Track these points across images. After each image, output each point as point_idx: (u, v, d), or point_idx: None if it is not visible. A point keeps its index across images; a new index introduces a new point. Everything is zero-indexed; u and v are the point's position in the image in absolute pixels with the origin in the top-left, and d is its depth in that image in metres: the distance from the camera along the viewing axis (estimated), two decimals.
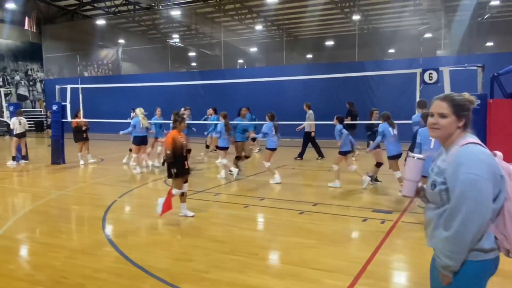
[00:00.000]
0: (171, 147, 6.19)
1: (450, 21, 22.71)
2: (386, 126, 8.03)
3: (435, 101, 2.24)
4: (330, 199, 7.67)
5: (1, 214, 6.97)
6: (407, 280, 4.33)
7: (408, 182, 2.35)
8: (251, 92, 20.52)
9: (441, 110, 2.18)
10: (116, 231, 5.78)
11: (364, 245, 5.10)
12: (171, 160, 6.19)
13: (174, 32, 31.42)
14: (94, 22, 27.93)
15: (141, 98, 21.49)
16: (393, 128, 8.07)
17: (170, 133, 6.46)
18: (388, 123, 8.11)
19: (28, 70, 29.06)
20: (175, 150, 6.20)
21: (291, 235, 5.56)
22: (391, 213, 6.53)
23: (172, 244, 5.28)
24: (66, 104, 12.12)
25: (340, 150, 8.54)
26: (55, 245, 5.20)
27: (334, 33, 28.17)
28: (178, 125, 6.45)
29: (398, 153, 7.91)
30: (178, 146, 6.26)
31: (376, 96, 18.60)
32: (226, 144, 9.86)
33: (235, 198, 7.90)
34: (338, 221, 6.21)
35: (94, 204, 7.59)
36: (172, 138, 6.25)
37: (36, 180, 10.19)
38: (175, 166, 6.19)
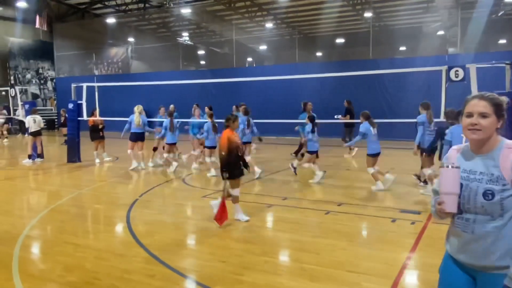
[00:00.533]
0: (227, 147, 5.82)
1: (465, 18, 22.44)
2: (368, 125, 8.06)
3: (472, 100, 2.07)
4: (354, 199, 7.55)
5: (25, 213, 6.94)
6: None
7: (449, 196, 2.04)
8: (263, 90, 20.43)
9: (482, 109, 2.01)
10: (142, 231, 5.70)
11: (398, 247, 4.98)
12: (226, 162, 5.80)
13: (184, 30, 31.37)
14: (104, 21, 27.94)
15: (152, 97, 21.50)
16: (373, 128, 8.09)
17: (224, 133, 5.99)
18: (369, 122, 8.11)
19: (39, 68, 29.16)
20: (230, 150, 5.82)
21: (320, 236, 5.45)
22: (420, 214, 6.40)
23: (200, 244, 5.19)
24: (82, 103, 12.08)
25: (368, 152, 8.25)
26: (83, 245, 5.14)
27: (346, 31, 27.95)
28: (231, 123, 6.06)
29: (378, 152, 8.13)
30: (233, 146, 5.88)
31: (390, 94, 18.42)
32: (213, 143, 9.89)
33: (256, 197, 7.80)
34: (366, 222, 6.09)
35: (115, 203, 7.53)
36: (227, 138, 5.86)
37: (53, 179, 10.16)
38: (230, 168, 5.81)
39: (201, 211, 6.73)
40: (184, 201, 7.66)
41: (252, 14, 27.47)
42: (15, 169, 11.62)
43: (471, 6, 21.02)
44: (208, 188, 8.63)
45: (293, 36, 30.26)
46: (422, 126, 7.76)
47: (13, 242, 5.29)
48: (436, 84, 17.17)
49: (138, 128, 10.90)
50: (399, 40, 24.77)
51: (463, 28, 19.63)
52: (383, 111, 17.32)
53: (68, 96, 25.91)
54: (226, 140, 5.85)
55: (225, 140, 5.85)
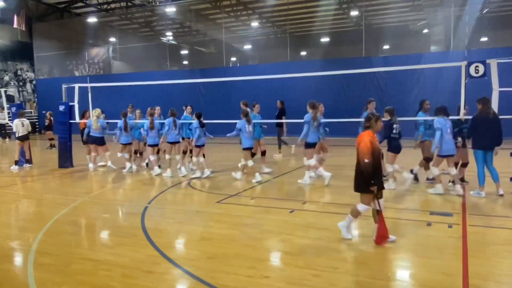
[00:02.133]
0: (370, 153, 4.82)
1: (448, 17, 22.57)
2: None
3: None
4: None
5: (28, 225, 6.35)
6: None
7: None
8: (254, 89, 20.04)
9: None
10: (163, 242, 5.23)
11: (446, 254, 4.67)
12: (369, 170, 4.79)
13: (168, 30, 30.67)
14: (86, 20, 27.06)
15: (138, 98, 20.81)
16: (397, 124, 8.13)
17: (364, 135, 4.94)
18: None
19: (18, 70, 28.00)
20: (373, 156, 4.83)
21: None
22: (452, 216, 6.13)
23: (234, 256, 4.75)
24: (74, 104, 11.45)
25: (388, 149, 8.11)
26: (104, 261, 4.64)
27: (339, 29, 27.77)
28: (373, 124, 5.01)
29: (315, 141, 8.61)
30: (376, 152, 4.89)
31: (384, 92, 18.30)
32: (202, 142, 9.84)
33: (275, 202, 7.41)
34: (401, 227, 5.77)
35: (125, 211, 7.02)
36: (370, 142, 4.84)
37: (49, 186, 9.50)
38: (372, 177, 4.82)
39: (223, 219, 6.30)
40: (199, 207, 7.20)
41: (237, 13, 27.05)
42: (2, 176, 10.90)
43: (456, 4, 21.13)
44: (218, 193, 8.19)
45: (278, 35, 30.03)
46: (307, 124, 8.49)
47: (24, 260, 4.76)
48: (430, 81, 17.25)
49: (96, 132, 10.99)
50: (390, 38, 24.79)
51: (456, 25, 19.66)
52: (376, 109, 17.19)
53: (48, 98, 25.04)
54: (369, 144, 4.83)
55: (368, 144, 4.81)
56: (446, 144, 7.37)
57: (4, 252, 5.08)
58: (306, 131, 8.55)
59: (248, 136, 9.24)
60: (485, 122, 7.03)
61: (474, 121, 7.25)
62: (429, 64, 16.02)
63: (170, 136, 10.11)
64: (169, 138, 10.19)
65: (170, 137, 10.13)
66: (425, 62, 17.14)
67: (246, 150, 9.27)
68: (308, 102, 8.74)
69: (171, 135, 10.09)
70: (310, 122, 8.52)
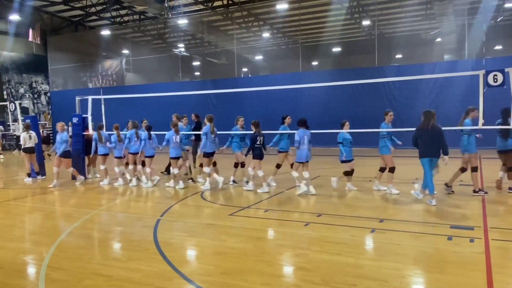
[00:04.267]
0: None
1: (462, 25, 22.37)
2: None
3: None
4: (392, 214, 7.09)
5: (40, 239, 6.31)
6: None
7: None
8: (266, 100, 20.03)
9: None
10: (177, 257, 5.13)
11: (471, 271, 4.47)
12: None
13: (180, 41, 30.92)
14: (99, 33, 27.42)
15: (151, 109, 20.92)
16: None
17: None
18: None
19: (33, 82, 28.41)
20: None
21: (379, 259, 4.94)
22: (473, 229, 5.93)
23: (249, 272, 4.62)
24: (87, 116, 11.50)
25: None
26: (116, 277, 4.55)
27: (351, 39, 27.70)
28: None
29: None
30: None
31: (397, 102, 18.10)
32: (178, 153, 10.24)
33: (288, 214, 7.27)
34: (420, 240, 5.59)
35: (137, 224, 6.94)
36: None
37: (61, 198, 9.50)
38: None
39: (236, 232, 6.18)
40: (212, 220, 7.10)
41: (249, 24, 27.17)
42: (16, 188, 10.95)
43: (470, 13, 20.93)
44: (231, 205, 8.09)
45: (290, 46, 30.06)
46: (205, 136, 9.56)
47: (36, 275, 4.70)
48: (443, 91, 17.02)
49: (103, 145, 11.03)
50: (403, 47, 24.63)
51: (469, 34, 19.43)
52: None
53: (62, 109, 25.29)
54: None
55: None
56: (302, 152, 8.80)
57: (17, 267, 5.03)
58: (205, 142, 9.60)
59: (175, 146, 10.02)
60: (426, 133, 7.54)
61: (417, 131, 7.72)
62: (442, 73, 15.84)
63: (133, 147, 10.59)
64: (131, 149, 10.65)
65: (133, 149, 10.60)
66: (438, 71, 16.95)
67: (173, 159, 10.11)
68: (206, 116, 9.85)
69: (133, 147, 10.58)
70: (208, 133, 9.59)
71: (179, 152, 10.17)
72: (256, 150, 9.24)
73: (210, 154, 9.76)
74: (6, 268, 4.92)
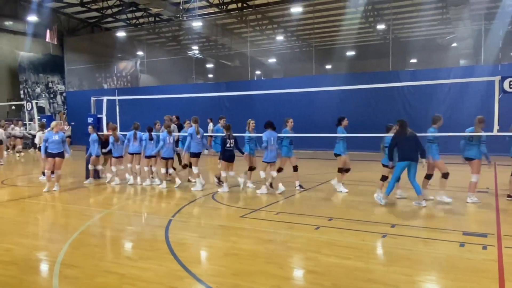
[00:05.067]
0: None
1: (478, 30, 22.11)
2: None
3: None
4: (406, 220, 7.03)
5: (54, 236, 6.42)
6: None
7: None
8: (279, 103, 20.02)
9: None
10: (188, 257, 5.17)
11: (483, 278, 4.42)
12: None
13: (194, 44, 31.14)
14: (115, 34, 27.75)
15: (164, 110, 21.05)
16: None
17: None
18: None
19: (49, 82, 28.86)
20: None
21: (388, 264, 4.92)
22: (486, 237, 5.86)
23: (259, 273, 4.63)
24: (102, 117, 11.64)
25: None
26: (128, 275, 4.61)
27: (365, 43, 27.58)
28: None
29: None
30: None
31: (411, 107, 17.97)
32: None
33: (299, 218, 7.27)
34: (432, 246, 5.54)
35: (149, 224, 7.02)
36: None
37: (75, 197, 9.63)
38: None
39: (246, 234, 6.21)
40: (223, 221, 7.13)
41: (263, 27, 27.24)
42: (32, 186, 11.14)
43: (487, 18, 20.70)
44: (242, 207, 8.12)
45: (303, 49, 30.05)
46: (190, 136, 9.96)
47: (50, 272, 4.78)
48: (458, 96, 16.84)
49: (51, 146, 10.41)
50: (418, 52, 24.44)
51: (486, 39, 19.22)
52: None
53: (77, 109, 25.64)
54: None
55: None
56: (270, 153, 9.26)
57: (31, 263, 5.13)
58: (189, 143, 10.00)
59: (168, 147, 10.39)
60: (404, 139, 7.99)
61: (394, 139, 8.14)
62: (457, 78, 15.69)
63: (131, 148, 10.97)
64: (129, 150, 11.01)
65: (131, 149, 10.98)
66: (454, 76, 16.78)
67: (164, 160, 10.49)
68: (192, 117, 10.25)
69: (131, 148, 10.97)
70: (193, 134, 9.95)
71: (171, 153, 10.51)
72: (226, 152, 9.58)
73: (196, 155, 10.06)
74: (20, 265, 5.02)
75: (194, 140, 9.98)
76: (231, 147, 9.62)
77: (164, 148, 10.38)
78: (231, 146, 9.61)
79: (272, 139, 9.33)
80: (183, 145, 10.89)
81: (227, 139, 9.56)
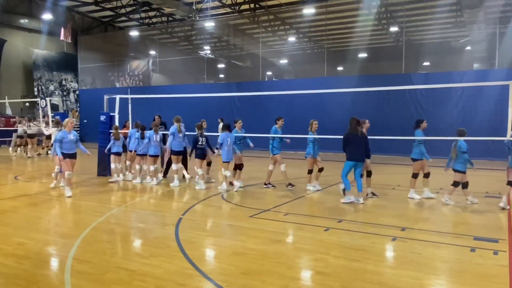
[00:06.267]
0: None
1: (492, 34, 21.85)
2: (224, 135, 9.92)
3: None
4: (414, 223, 6.99)
5: (66, 231, 6.51)
6: None
7: None
8: (290, 104, 20.03)
9: None
10: (198, 255, 5.22)
11: (494, 284, 4.39)
12: None
13: (205, 44, 31.27)
14: (128, 34, 27.98)
15: (175, 109, 21.19)
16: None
17: None
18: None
19: (62, 80, 29.22)
20: None
21: (399, 267, 4.90)
22: (497, 242, 5.81)
23: (267, 273, 4.65)
24: (114, 115, 11.76)
25: None
26: (139, 271, 4.66)
27: (377, 45, 27.42)
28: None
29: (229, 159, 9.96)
30: None
31: (423, 110, 17.83)
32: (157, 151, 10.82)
33: (308, 219, 7.28)
34: (442, 251, 5.50)
35: (159, 222, 7.08)
36: None
37: (87, 193, 9.75)
38: None
39: (255, 234, 6.23)
40: (232, 221, 7.16)
41: (275, 28, 27.25)
42: (45, 182, 11.29)
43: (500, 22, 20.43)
44: (252, 207, 8.13)
45: (315, 50, 29.99)
46: (172, 135, 10.28)
47: (62, 266, 4.85)
48: (472, 100, 16.69)
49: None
50: (431, 54, 24.26)
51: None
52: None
53: (90, 107, 25.92)
54: None
55: None
56: (227, 153, 9.82)
57: (43, 258, 5.21)
58: (171, 141, 10.29)
59: (154, 145, 10.69)
60: (356, 139, 8.28)
61: (344, 138, 8.42)
62: (471, 82, 15.55)
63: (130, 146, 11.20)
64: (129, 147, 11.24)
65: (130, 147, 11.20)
66: (467, 80, 16.62)
67: (151, 157, 10.73)
68: (175, 117, 10.55)
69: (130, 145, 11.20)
70: (175, 133, 10.30)
71: (158, 151, 10.82)
72: (198, 150, 10.16)
73: (178, 153, 10.44)
74: (33, 259, 5.10)
75: (176, 138, 10.32)
76: (202, 145, 10.19)
77: (151, 146, 10.65)
78: (202, 144, 10.19)
79: (229, 140, 9.90)
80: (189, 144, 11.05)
81: (199, 137, 10.15)
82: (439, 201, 8.55)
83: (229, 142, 9.95)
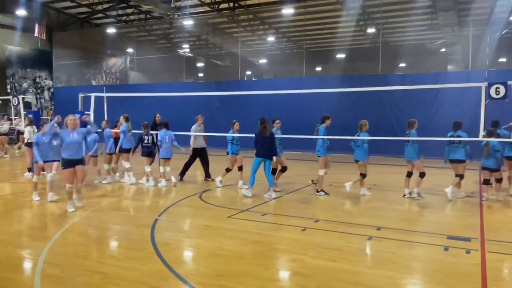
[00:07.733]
0: None
1: (466, 36, 22.35)
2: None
3: None
4: (390, 223, 7.05)
5: (38, 234, 6.33)
6: None
7: None
8: (269, 103, 20.01)
9: None
10: (172, 257, 5.14)
11: (465, 282, 4.47)
12: None
13: (184, 42, 30.99)
14: (105, 31, 27.46)
15: (154, 108, 20.91)
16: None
17: None
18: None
19: (36, 77, 28.47)
20: None
21: (375, 266, 4.94)
22: (470, 241, 5.93)
23: (244, 275, 4.62)
24: (89, 113, 11.51)
25: None
26: (112, 274, 4.56)
27: (355, 46, 27.67)
28: None
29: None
30: None
31: (400, 110, 18.09)
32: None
33: (286, 219, 7.28)
34: (417, 250, 5.58)
35: (135, 223, 6.95)
36: None
37: (61, 194, 9.50)
38: None
39: (233, 235, 6.19)
40: (210, 222, 7.09)
41: (254, 28, 27.22)
42: (16, 182, 10.97)
43: (473, 24, 20.93)
44: (229, 207, 8.08)
45: (294, 50, 30.12)
46: (123, 133, 10.57)
47: (32, 270, 4.71)
48: (447, 101, 17.03)
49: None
50: (407, 56, 24.63)
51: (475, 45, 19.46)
52: (392, 127, 16.98)
53: (65, 106, 25.32)
54: None
55: None
56: (165, 150, 10.28)
57: (13, 261, 5.05)
58: (122, 139, 10.63)
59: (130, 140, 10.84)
60: (263, 138, 8.92)
61: (257, 135, 9.06)
62: (446, 83, 15.85)
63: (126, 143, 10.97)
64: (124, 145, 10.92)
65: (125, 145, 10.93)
66: (442, 81, 16.95)
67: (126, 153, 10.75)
68: (123, 115, 10.84)
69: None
70: (125, 132, 10.66)
71: (130, 145, 10.91)
72: (144, 148, 10.56)
73: (127, 150, 10.74)
74: (3, 262, 4.94)
75: (126, 137, 10.64)
76: (148, 143, 10.55)
77: (125, 140, 10.72)
78: (148, 142, 10.55)
79: (167, 138, 10.32)
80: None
81: (145, 136, 10.52)
82: (414, 200, 8.67)
83: (167, 139, 10.32)
